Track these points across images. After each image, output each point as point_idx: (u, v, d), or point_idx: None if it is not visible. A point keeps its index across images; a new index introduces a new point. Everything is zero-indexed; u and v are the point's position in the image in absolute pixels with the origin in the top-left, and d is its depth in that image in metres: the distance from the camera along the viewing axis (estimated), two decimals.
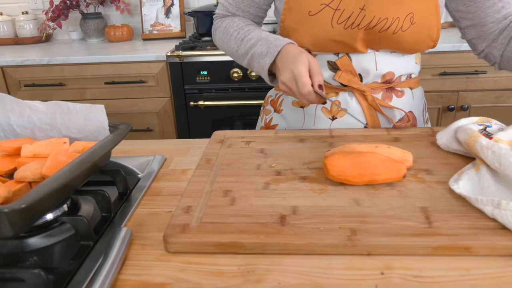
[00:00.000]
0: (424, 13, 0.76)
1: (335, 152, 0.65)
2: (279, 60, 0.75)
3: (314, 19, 0.78)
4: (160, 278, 0.48)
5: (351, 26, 0.77)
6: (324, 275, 0.47)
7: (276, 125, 0.95)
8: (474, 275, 0.46)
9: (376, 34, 0.77)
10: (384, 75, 0.84)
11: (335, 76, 0.83)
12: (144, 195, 0.66)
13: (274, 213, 0.56)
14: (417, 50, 0.82)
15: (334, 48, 0.81)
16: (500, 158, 0.58)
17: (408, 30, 0.76)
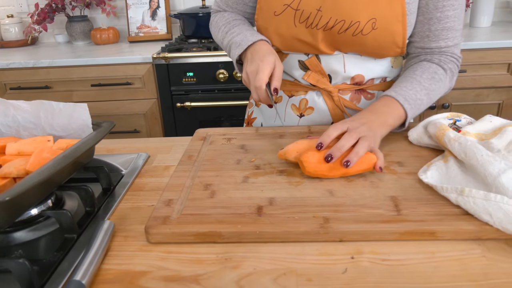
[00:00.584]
0: (388, 20, 0.77)
1: (308, 149, 0.66)
2: (250, 52, 0.79)
3: (279, 19, 0.81)
4: (142, 267, 0.50)
5: (311, 26, 0.80)
6: (297, 260, 0.49)
7: (255, 118, 1.00)
8: (438, 258, 0.49)
9: (335, 35, 0.79)
10: (353, 77, 0.86)
11: (305, 75, 0.87)
12: (127, 191, 0.68)
13: (252, 204, 0.58)
14: (383, 55, 0.83)
15: (300, 47, 0.84)
16: (465, 149, 0.61)
17: (369, 34, 0.78)
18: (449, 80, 0.83)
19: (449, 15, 0.79)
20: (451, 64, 0.83)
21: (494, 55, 1.86)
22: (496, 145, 0.64)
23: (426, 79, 0.79)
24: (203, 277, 0.48)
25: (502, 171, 0.55)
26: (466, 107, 1.95)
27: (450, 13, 0.79)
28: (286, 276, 0.47)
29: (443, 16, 0.79)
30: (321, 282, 0.46)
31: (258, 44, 0.80)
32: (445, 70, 0.82)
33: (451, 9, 0.79)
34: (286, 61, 0.89)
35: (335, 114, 0.88)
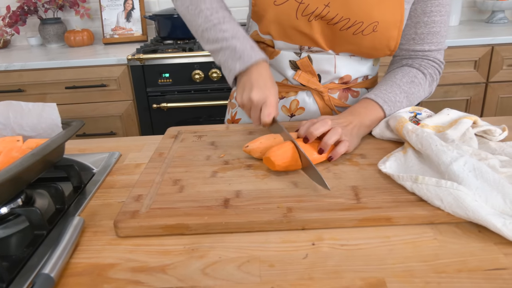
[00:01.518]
0: (388, 24, 0.80)
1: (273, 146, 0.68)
2: (252, 73, 0.75)
3: (280, 9, 0.80)
4: (110, 260, 0.51)
5: (315, 19, 0.80)
6: (261, 248, 0.52)
7: (240, 119, 1.00)
8: (393, 242, 0.52)
9: (337, 32, 0.81)
10: (342, 77, 0.89)
11: (295, 75, 0.88)
12: (98, 188, 0.69)
13: (219, 197, 0.60)
14: (374, 56, 0.86)
15: (297, 39, 0.84)
16: (422, 140, 0.64)
17: (368, 35, 0.80)
18: (429, 84, 0.86)
19: (436, 20, 0.82)
20: (431, 69, 0.86)
21: (461, 53, 1.92)
22: (451, 136, 0.68)
23: (405, 82, 0.83)
24: (170, 266, 0.49)
25: (454, 159, 0.59)
26: (436, 104, 2.02)
27: (437, 18, 0.82)
28: (250, 263, 0.49)
29: (430, 21, 0.82)
30: (282, 267, 0.48)
31: (261, 65, 0.76)
32: (425, 75, 0.85)
33: (438, 14, 0.82)
34: (277, 59, 0.89)
35: (325, 113, 0.91)
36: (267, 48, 0.90)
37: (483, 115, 2.05)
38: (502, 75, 1.97)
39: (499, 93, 2.00)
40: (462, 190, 0.53)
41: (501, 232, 0.49)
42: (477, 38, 1.91)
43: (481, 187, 0.55)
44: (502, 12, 2.27)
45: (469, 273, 0.46)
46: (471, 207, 0.52)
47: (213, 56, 0.81)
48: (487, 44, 1.91)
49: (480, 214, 0.51)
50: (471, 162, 0.58)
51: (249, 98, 0.73)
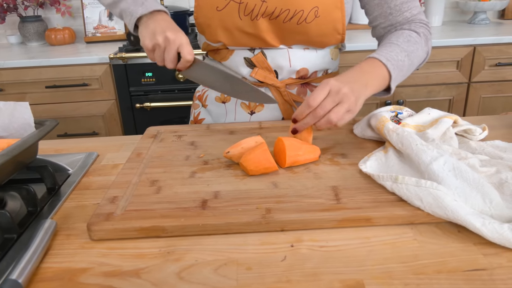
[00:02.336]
0: (328, 7, 0.80)
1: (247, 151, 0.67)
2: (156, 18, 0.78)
3: (223, 14, 0.82)
4: (82, 264, 0.50)
5: (256, 18, 0.81)
6: (239, 250, 0.50)
7: (203, 119, 0.99)
8: (372, 243, 0.51)
9: (281, 25, 0.81)
10: (298, 71, 0.88)
11: (252, 73, 0.88)
12: (73, 190, 0.67)
13: (197, 198, 0.59)
14: (326, 43, 0.86)
15: (247, 41, 0.85)
16: (402, 139, 0.64)
17: (312, 22, 0.80)
18: (425, 43, 0.83)
19: None
20: (422, 28, 0.84)
21: (444, 53, 1.94)
22: (431, 135, 0.67)
23: (402, 42, 0.79)
24: (144, 270, 0.48)
25: (434, 159, 0.58)
26: (419, 103, 2.03)
27: None
28: (227, 266, 0.48)
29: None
30: (260, 270, 0.47)
31: (165, 14, 0.80)
32: (419, 34, 0.82)
33: None
34: (232, 59, 0.89)
35: (284, 110, 0.90)
36: (221, 51, 0.91)
37: (466, 115, 2.07)
38: (484, 75, 1.99)
39: (481, 93, 2.03)
40: (441, 190, 0.53)
41: (480, 232, 0.49)
42: (460, 39, 1.92)
43: (461, 187, 0.54)
44: (484, 13, 2.30)
45: (448, 274, 0.45)
46: (450, 207, 0.51)
47: (113, 9, 0.84)
48: (469, 45, 1.93)
49: (459, 214, 0.50)
50: (450, 162, 0.58)
51: (165, 37, 0.75)
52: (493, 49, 1.94)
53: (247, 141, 0.69)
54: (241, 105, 0.92)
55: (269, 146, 0.73)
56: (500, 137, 0.76)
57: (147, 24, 0.78)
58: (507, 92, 2.03)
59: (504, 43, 1.93)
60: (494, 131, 0.80)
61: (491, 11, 2.46)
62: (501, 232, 0.48)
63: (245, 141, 0.69)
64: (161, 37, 0.75)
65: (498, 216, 0.52)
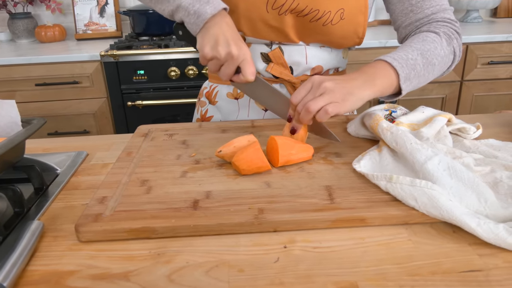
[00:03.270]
0: (353, 10, 0.80)
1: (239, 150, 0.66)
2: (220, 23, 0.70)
3: (250, 3, 0.80)
4: (70, 266, 0.48)
5: (285, 13, 0.80)
6: (231, 252, 0.49)
7: (212, 116, 0.97)
8: (367, 243, 0.50)
9: (307, 24, 0.81)
10: (314, 68, 0.88)
11: (268, 67, 0.87)
12: (61, 190, 0.66)
13: (188, 198, 0.58)
14: (344, 45, 0.86)
15: (268, 34, 0.83)
16: (396, 138, 0.63)
17: (337, 24, 0.80)
18: (447, 42, 0.78)
19: None
20: (444, 28, 0.79)
21: None
22: (426, 134, 0.67)
23: (417, 42, 0.76)
24: (134, 273, 0.47)
25: (429, 158, 0.57)
26: (412, 102, 2.03)
27: None
28: (218, 268, 0.47)
29: None
30: (252, 272, 0.46)
31: (227, 16, 0.72)
32: (438, 33, 0.78)
33: None
34: None
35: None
36: None
37: (458, 113, 2.08)
38: (476, 74, 2.00)
39: (473, 91, 2.03)
40: (436, 190, 0.52)
41: (476, 232, 0.48)
42: None
43: (456, 186, 0.54)
44: (476, 11, 2.30)
45: (443, 276, 0.44)
46: (445, 206, 0.50)
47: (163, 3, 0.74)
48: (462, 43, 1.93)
49: (454, 214, 0.50)
50: (445, 161, 0.57)
51: (229, 53, 0.68)
52: (486, 47, 1.94)
53: (240, 140, 0.67)
54: (255, 102, 0.91)
55: (262, 145, 0.72)
56: (494, 136, 0.75)
57: (208, 27, 0.70)
58: (500, 91, 2.04)
59: (497, 42, 1.94)
60: (488, 129, 0.80)
61: (484, 10, 2.47)
62: (496, 233, 0.47)
63: (237, 139, 0.67)
64: (224, 51, 0.68)
65: (493, 216, 0.52)
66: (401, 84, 0.70)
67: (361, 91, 0.66)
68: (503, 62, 1.97)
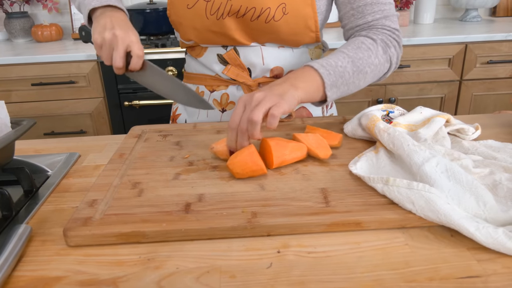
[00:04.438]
0: (297, 3, 0.78)
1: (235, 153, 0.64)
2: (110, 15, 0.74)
3: (192, 12, 0.80)
4: (57, 272, 0.47)
5: (222, 16, 0.79)
6: (223, 257, 0.48)
7: (180, 114, 0.98)
8: (362, 248, 0.49)
9: (249, 23, 0.79)
10: (272, 70, 0.86)
11: (225, 70, 0.86)
12: (52, 192, 0.64)
13: (180, 201, 0.56)
14: (299, 41, 0.83)
15: (216, 40, 0.83)
16: (393, 139, 0.62)
17: (281, 20, 0.78)
18: (383, 51, 0.77)
19: None
20: (382, 35, 0.78)
21: (436, 51, 1.93)
22: (424, 135, 0.65)
23: (351, 49, 0.75)
24: (122, 279, 0.45)
25: (426, 160, 0.56)
26: (411, 101, 2.02)
27: None
28: (210, 274, 0.45)
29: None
30: (244, 279, 0.45)
31: (120, 12, 0.77)
32: (375, 40, 0.77)
33: None
34: (205, 56, 0.87)
35: None
36: (196, 47, 0.89)
37: (457, 113, 2.07)
38: (475, 73, 1.98)
39: (472, 90, 2.02)
40: (434, 193, 0.51)
41: (474, 237, 0.47)
42: (451, 36, 1.91)
43: (454, 189, 0.53)
44: (475, 10, 2.29)
45: (440, 282, 0.43)
46: (443, 210, 0.49)
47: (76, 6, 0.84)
48: (461, 42, 1.92)
49: (452, 218, 0.48)
50: (443, 163, 0.56)
51: (113, 34, 0.71)
52: (485, 46, 1.93)
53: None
54: (213, 102, 0.90)
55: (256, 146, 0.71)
56: (493, 137, 0.74)
57: (99, 18, 0.75)
58: (499, 90, 2.03)
59: (496, 41, 1.93)
60: (487, 130, 0.79)
61: (483, 9, 2.45)
62: (495, 237, 0.46)
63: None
64: (109, 34, 0.71)
65: (492, 219, 0.50)
66: (327, 91, 0.71)
67: (291, 92, 0.66)
68: (503, 61, 1.96)
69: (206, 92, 0.90)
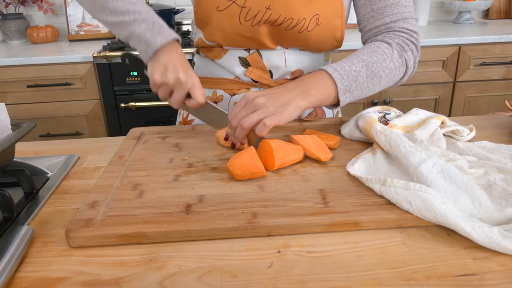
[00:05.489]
0: (329, 15, 0.80)
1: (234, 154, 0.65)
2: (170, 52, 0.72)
3: (222, 15, 0.79)
4: (60, 273, 0.47)
5: (258, 24, 0.79)
6: (224, 257, 0.49)
7: (193, 120, 0.96)
8: (361, 247, 0.50)
9: (282, 32, 0.80)
10: (293, 72, 0.87)
11: (246, 72, 0.86)
12: (52, 194, 0.65)
13: (181, 202, 0.57)
14: (323, 49, 0.86)
15: (244, 43, 0.83)
16: (390, 141, 0.63)
17: (313, 30, 0.80)
18: (399, 54, 0.78)
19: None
20: (398, 39, 0.79)
21: (430, 53, 1.95)
22: (419, 136, 0.67)
23: (365, 53, 0.76)
24: (125, 279, 0.46)
25: (423, 161, 0.57)
26: (406, 103, 2.03)
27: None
28: (211, 274, 0.46)
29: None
30: (246, 278, 0.45)
31: (178, 46, 0.75)
32: (390, 44, 0.78)
33: None
34: (226, 58, 0.87)
35: None
36: (215, 49, 0.88)
37: (451, 114, 2.09)
38: (469, 75, 2.01)
39: (466, 92, 2.04)
40: (430, 193, 0.52)
41: (470, 236, 0.48)
42: (445, 38, 1.93)
43: (450, 189, 0.54)
44: (468, 13, 2.32)
45: (438, 280, 0.44)
46: (439, 210, 0.50)
47: (118, 29, 0.75)
48: (454, 44, 1.94)
49: (448, 217, 0.50)
50: (439, 164, 0.57)
51: (177, 78, 0.70)
52: (478, 48, 1.95)
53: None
54: (234, 106, 0.90)
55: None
56: (487, 138, 0.75)
57: (159, 55, 0.72)
58: (492, 92, 2.05)
59: (489, 43, 1.95)
60: (481, 131, 0.80)
61: (476, 11, 2.48)
62: (491, 236, 0.47)
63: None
64: (172, 77, 0.70)
65: (488, 219, 0.51)
66: (340, 95, 0.72)
67: (297, 101, 0.68)
68: (495, 63, 1.98)
69: (226, 96, 0.90)
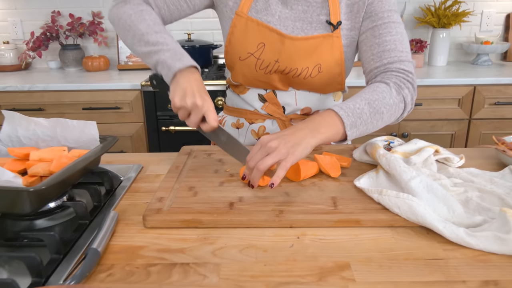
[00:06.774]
0: (330, 64, 0.98)
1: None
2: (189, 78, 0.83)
3: (243, 63, 1.01)
4: (140, 243, 0.66)
5: (270, 72, 1.00)
6: (258, 239, 0.67)
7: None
8: (359, 238, 0.67)
9: (290, 78, 1.01)
10: (303, 109, 1.08)
11: (263, 106, 1.08)
12: (126, 192, 0.84)
13: (226, 201, 0.75)
14: (327, 91, 1.05)
15: (260, 85, 1.05)
16: (389, 162, 0.80)
17: (316, 77, 0.99)
18: (397, 92, 0.86)
19: (387, 40, 0.91)
20: (395, 78, 0.88)
21: (447, 91, 2.10)
22: (414, 160, 0.84)
23: (367, 92, 0.85)
24: (187, 249, 0.64)
25: (412, 178, 0.74)
26: (423, 137, 2.17)
27: (388, 38, 0.91)
28: (248, 249, 0.64)
29: (381, 41, 0.92)
30: (273, 253, 0.63)
31: (197, 72, 0.85)
32: (388, 84, 0.87)
33: (388, 35, 0.91)
34: (248, 94, 1.09)
35: None
36: (240, 86, 1.09)
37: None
38: (484, 113, 2.14)
39: (481, 129, 2.17)
40: (415, 201, 0.68)
41: (442, 233, 0.64)
42: (461, 78, 2.09)
43: (431, 200, 0.70)
44: (486, 55, 2.47)
45: (413, 261, 0.60)
46: (421, 214, 0.67)
47: (148, 57, 0.89)
48: (469, 84, 2.09)
49: (427, 219, 0.66)
50: (425, 181, 0.73)
51: (194, 103, 0.80)
52: (492, 89, 2.10)
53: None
54: (251, 132, 1.11)
55: None
56: (476, 166, 0.91)
57: (178, 80, 0.83)
58: (506, 129, 2.18)
59: (503, 84, 2.09)
60: (472, 160, 0.96)
61: (493, 54, 2.63)
62: (457, 233, 0.63)
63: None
64: (190, 102, 0.80)
65: (459, 223, 0.67)
66: (347, 130, 0.79)
67: (307, 140, 0.75)
68: (509, 103, 2.11)
69: (246, 124, 1.12)
